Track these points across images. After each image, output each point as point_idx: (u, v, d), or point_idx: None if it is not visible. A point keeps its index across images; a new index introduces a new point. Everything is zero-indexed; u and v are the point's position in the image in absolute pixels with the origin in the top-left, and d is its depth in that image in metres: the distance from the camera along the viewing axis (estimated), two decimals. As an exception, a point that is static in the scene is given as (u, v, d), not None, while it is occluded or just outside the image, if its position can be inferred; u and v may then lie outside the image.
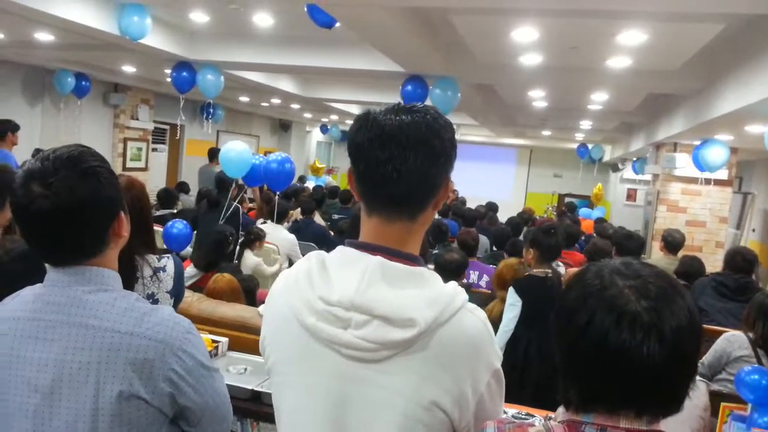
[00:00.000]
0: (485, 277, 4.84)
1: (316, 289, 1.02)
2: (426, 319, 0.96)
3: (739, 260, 4.27)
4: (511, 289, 3.68)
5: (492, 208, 9.19)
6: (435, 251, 4.72)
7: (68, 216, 1.14)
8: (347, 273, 1.02)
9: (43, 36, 5.89)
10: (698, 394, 2.75)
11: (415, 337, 0.96)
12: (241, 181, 5.83)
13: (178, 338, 1.17)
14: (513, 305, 3.62)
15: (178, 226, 4.49)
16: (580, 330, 0.94)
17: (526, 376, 3.47)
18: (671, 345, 0.89)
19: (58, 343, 1.14)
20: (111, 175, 1.23)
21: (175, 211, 6.69)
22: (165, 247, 4.38)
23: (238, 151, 5.41)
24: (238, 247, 5.13)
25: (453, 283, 1.04)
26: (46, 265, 1.21)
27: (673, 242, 5.45)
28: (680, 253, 5.46)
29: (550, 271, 3.69)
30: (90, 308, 1.16)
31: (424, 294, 0.99)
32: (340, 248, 1.08)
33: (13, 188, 1.15)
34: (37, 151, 1.23)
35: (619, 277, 0.95)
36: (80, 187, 1.14)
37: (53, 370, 1.12)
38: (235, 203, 5.87)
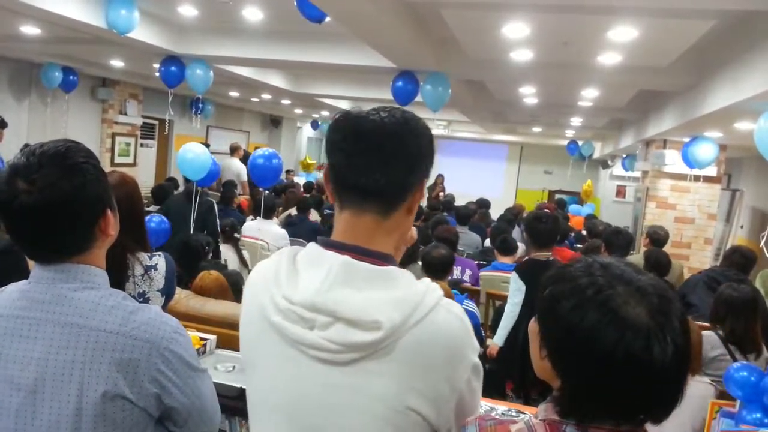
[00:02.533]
0: (468, 272, 4.89)
1: (282, 287, 1.01)
2: (392, 320, 0.93)
3: (738, 257, 4.32)
4: (514, 275, 3.74)
5: (483, 204, 9.18)
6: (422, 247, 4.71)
7: (52, 212, 1.12)
8: (312, 273, 1.00)
9: (30, 29, 5.82)
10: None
11: (381, 339, 0.93)
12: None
13: (165, 338, 1.16)
14: (518, 290, 3.69)
15: (155, 220, 4.32)
16: (569, 332, 0.92)
17: (527, 355, 3.43)
18: (676, 348, 0.88)
19: (42, 342, 1.12)
20: (98, 171, 1.20)
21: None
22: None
23: (197, 153, 5.11)
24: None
25: (426, 281, 1.01)
26: (32, 261, 1.19)
27: (658, 239, 5.48)
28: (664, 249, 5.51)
29: (550, 254, 3.74)
30: (75, 306, 1.14)
31: (391, 295, 0.96)
32: (310, 246, 1.07)
33: None
34: (26, 146, 1.21)
35: (616, 280, 0.93)
36: (65, 183, 1.13)
37: (36, 369, 1.10)
38: (211, 198, 5.78)
